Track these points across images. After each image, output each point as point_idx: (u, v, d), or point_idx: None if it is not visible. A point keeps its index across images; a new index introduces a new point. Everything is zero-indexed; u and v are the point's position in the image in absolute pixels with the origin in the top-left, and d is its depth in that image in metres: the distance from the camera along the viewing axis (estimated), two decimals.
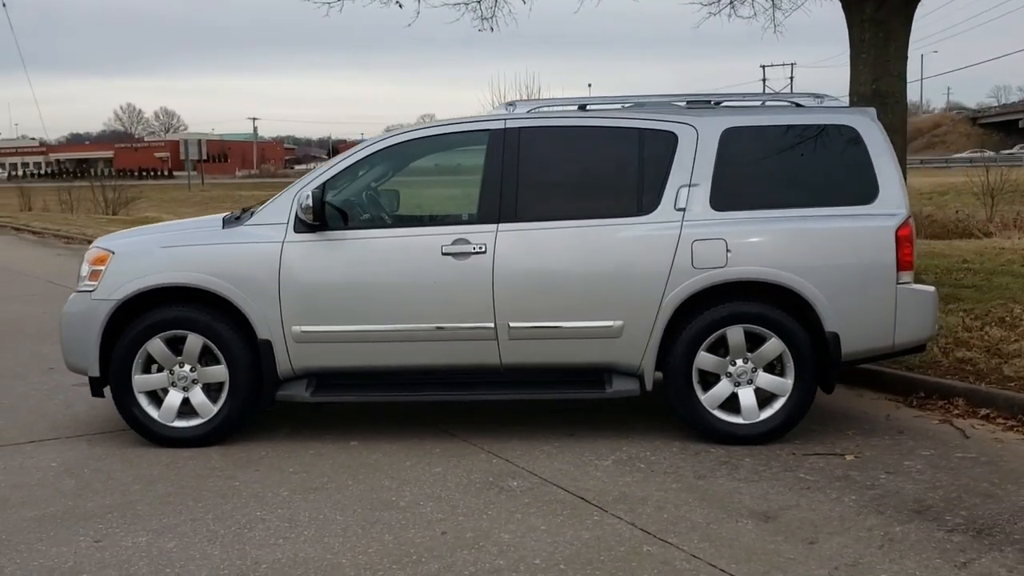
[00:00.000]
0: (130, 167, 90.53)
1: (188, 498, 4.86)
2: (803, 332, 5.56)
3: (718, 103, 6.18)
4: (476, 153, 5.93)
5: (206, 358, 5.73)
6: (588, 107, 6.19)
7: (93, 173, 51.22)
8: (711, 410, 5.62)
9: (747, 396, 5.62)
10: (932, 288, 5.78)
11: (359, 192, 6.00)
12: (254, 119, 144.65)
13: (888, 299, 5.57)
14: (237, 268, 5.66)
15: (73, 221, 27.86)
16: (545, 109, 6.05)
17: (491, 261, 5.57)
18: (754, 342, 5.61)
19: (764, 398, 5.65)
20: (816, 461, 5.30)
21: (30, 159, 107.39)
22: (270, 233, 5.71)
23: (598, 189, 5.92)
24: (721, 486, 4.94)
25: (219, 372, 5.70)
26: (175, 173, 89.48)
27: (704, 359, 5.62)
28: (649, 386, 5.67)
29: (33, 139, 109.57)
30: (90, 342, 5.68)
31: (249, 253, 5.68)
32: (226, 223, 5.97)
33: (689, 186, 5.63)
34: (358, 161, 5.85)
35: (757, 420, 5.60)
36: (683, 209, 5.61)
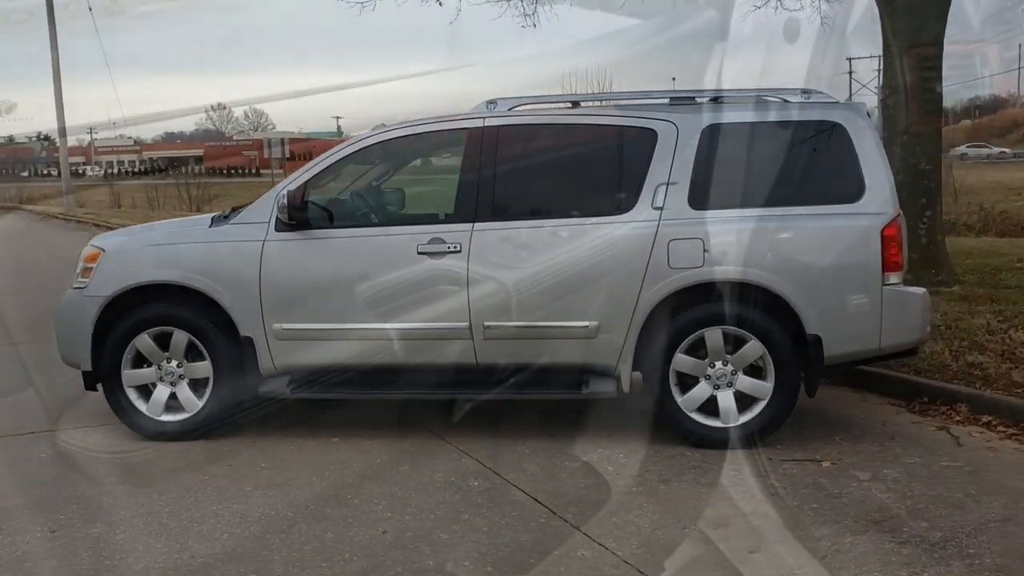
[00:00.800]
0: (219, 165, 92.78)
1: (154, 491, 4.97)
2: (783, 334, 5.40)
3: (716, 99, 6.03)
4: (457, 152, 5.91)
5: (192, 354, 5.86)
6: (581, 104, 6.13)
7: (183, 171, 52.84)
8: (689, 413, 5.51)
9: (726, 399, 5.48)
10: (922, 290, 5.54)
11: (340, 191, 6.07)
12: (337, 118, 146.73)
13: (873, 301, 5.36)
14: (220, 266, 5.77)
15: (153, 218, 28.73)
16: (525, 107, 5.99)
17: (466, 260, 5.55)
18: (734, 344, 5.47)
19: (744, 401, 5.51)
20: (791, 467, 5.15)
21: (125, 157, 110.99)
22: (252, 232, 5.80)
23: (575, 188, 5.84)
24: (683, 491, 4.84)
25: (204, 368, 5.82)
26: (262, 171, 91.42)
27: (682, 361, 5.50)
28: (626, 388, 5.58)
29: (129, 138, 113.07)
30: (82, 337, 5.86)
31: (231, 251, 5.78)
32: (214, 222, 6.09)
33: (667, 184, 5.51)
34: (338, 160, 5.90)
35: (736, 424, 5.46)
36: (661, 208, 5.50)
